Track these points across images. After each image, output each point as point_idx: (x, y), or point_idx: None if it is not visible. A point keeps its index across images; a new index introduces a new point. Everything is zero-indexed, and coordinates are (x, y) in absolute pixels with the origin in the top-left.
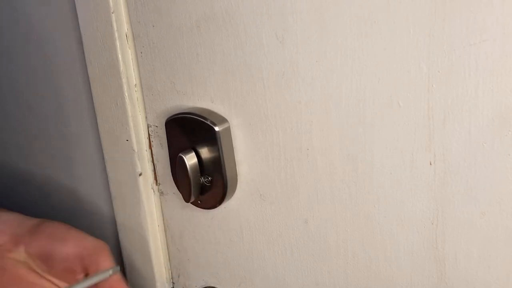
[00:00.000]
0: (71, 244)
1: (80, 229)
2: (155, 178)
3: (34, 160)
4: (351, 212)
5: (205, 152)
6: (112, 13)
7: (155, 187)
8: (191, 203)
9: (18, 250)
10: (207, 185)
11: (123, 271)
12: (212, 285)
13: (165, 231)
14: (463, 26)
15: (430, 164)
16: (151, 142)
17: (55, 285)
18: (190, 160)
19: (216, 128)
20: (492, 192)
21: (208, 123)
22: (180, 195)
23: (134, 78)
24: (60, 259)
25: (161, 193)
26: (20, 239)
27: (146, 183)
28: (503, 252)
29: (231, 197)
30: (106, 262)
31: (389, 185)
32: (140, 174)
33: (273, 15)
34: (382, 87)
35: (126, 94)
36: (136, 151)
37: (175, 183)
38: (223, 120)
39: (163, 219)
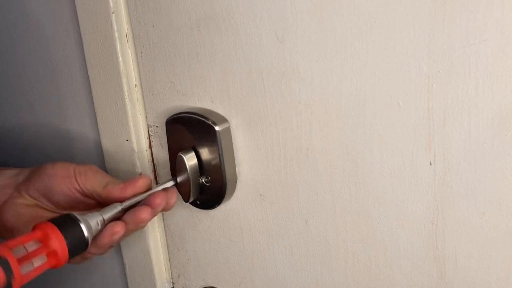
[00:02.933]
0: (59, 176)
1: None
2: (155, 178)
3: (34, 160)
4: (351, 212)
5: (205, 152)
6: (112, 13)
7: None
8: (190, 203)
9: (23, 196)
10: (206, 185)
11: (123, 271)
12: (212, 285)
13: (165, 231)
14: (463, 26)
15: (430, 164)
16: (151, 142)
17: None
18: (190, 160)
19: (217, 128)
20: (492, 192)
21: (209, 122)
22: (180, 195)
23: (134, 78)
24: (58, 193)
25: None
26: (21, 187)
27: None
28: (503, 252)
29: (230, 197)
30: (97, 177)
31: (389, 185)
32: (140, 174)
33: (273, 15)
34: (382, 87)
35: (126, 94)
36: (136, 151)
37: (175, 182)
38: (223, 120)
39: (163, 219)
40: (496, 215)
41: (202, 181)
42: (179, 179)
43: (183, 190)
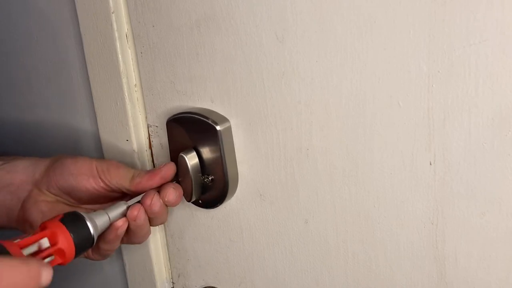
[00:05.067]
0: (83, 174)
1: None
2: None
3: None
4: (351, 212)
5: (206, 152)
6: (112, 13)
7: None
8: (192, 202)
9: (44, 193)
10: (208, 185)
11: (123, 271)
12: (212, 285)
13: (165, 231)
14: (463, 26)
15: (430, 164)
16: (151, 142)
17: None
18: (192, 159)
19: (218, 127)
20: (492, 192)
21: (210, 122)
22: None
23: (134, 78)
24: (81, 191)
25: None
26: (40, 184)
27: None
28: (503, 252)
29: (232, 196)
30: (121, 172)
31: (389, 185)
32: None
33: (273, 15)
34: (382, 87)
35: (126, 94)
36: (136, 151)
37: (176, 182)
38: (224, 119)
39: None
40: (496, 215)
41: (204, 180)
42: (181, 179)
43: (185, 189)
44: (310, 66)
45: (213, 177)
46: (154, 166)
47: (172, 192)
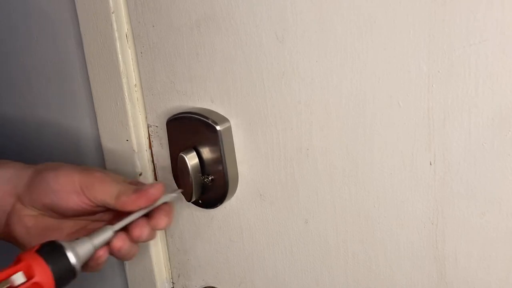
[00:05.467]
0: (65, 192)
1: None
2: (155, 178)
3: (33, 160)
4: (351, 212)
5: (206, 152)
6: (112, 13)
7: None
8: (192, 202)
9: (27, 207)
10: (208, 185)
11: (123, 271)
12: (212, 285)
13: (165, 231)
14: (463, 26)
15: (430, 164)
16: (151, 142)
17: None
18: (192, 159)
19: (218, 127)
20: (492, 192)
21: (210, 122)
22: (180, 195)
23: (134, 78)
24: (65, 207)
25: None
26: (23, 198)
27: (146, 183)
28: (503, 252)
29: (232, 196)
30: (106, 188)
31: (389, 185)
32: (140, 174)
33: (273, 15)
34: (382, 87)
35: (126, 94)
36: (136, 151)
37: (176, 182)
38: (224, 119)
39: None
40: (496, 215)
41: (204, 180)
42: (181, 179)
43: (185, 189)
44: (310, 66)
45: (213, 177)
46: (154, 166)
47: (164, 220)
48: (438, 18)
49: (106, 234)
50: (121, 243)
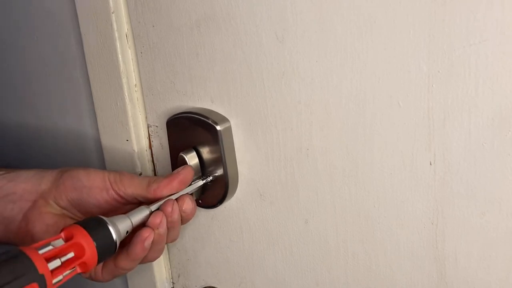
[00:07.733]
0: (97, 188)
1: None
2: None
3: (33, 160)
4: (351, 212)
5: (206, 152)
6: (112, 13)
7: None
8: None
9: (50, 205)
10: (208, 185)
11: None
12: (212, 285)
13: None
14: (463, 26)
15: (430, 164)
16: (151, 142)
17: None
18: (192, 159)
19: (218, 127)
20: (492, 192)
21: (210, 122)
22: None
23: (134, 78)
24: (93, 204)
25: None
26: (47, 195)
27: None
28: (503, 252)
29: (232, 196)
30: (135, 181)
31: (389, 185)
32: (140, 174)
33: (273, 15)
34: (382, 87)
35: (126, 94)
36: (136, 151)
37: None
38: (224, 119)
39: None
40: (496, 215)
41: (204, 180)
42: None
43: None
44: (310, 66)
45: (213, 177)
46: (154, 166)
47: (190, 202)
48: (438, 18)
49: (143, 212)
50: (159, 219)
